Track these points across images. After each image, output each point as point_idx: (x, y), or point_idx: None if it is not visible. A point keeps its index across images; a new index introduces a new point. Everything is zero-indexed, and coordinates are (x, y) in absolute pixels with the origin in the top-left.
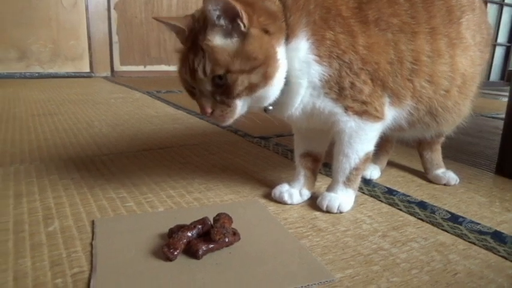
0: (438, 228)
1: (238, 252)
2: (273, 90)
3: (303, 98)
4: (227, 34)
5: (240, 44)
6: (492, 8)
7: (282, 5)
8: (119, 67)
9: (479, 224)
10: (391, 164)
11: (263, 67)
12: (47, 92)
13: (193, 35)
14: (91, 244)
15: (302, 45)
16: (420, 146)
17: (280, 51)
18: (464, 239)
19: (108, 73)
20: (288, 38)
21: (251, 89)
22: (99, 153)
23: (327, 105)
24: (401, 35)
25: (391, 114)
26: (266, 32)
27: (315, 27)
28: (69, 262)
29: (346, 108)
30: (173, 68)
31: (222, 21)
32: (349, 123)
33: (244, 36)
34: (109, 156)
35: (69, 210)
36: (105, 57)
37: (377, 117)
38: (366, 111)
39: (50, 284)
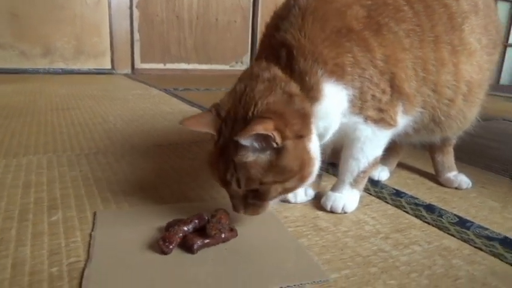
0: (444, 232)
1: (234, 249)
2: (312, 178)
3: (336, 126)
4: (260, 149)
5: (274, 158)
6: (503, 6)
7: (295, 77)
8: (139, 64)
9: (488, 229)
10: (402, 165)
11: (299, 174)
12: (69, 87)
13: (223, 141)
14: (90, 235)
15: (329, 93)
16: (432, 148)
17: (312, 141)
18: (470, 244)
19: (128, 70)
20: (317, 99)
21: (286, 191)
22: (111, 147)
23: (351, 119)
24: (413, 39)
25: (402, 121)
26: (300, 137)
27: (333, 66)
28: (67, 251)
29: (366, 118)
30: (192, 66)
31: (255, 144)
32: (365, 131)
33: (277, 150)
34: (120, 151)
35: (73, 201)
36: (126, 54)
37: (391, 124)
38: (382, 119)
39: (46, 272)
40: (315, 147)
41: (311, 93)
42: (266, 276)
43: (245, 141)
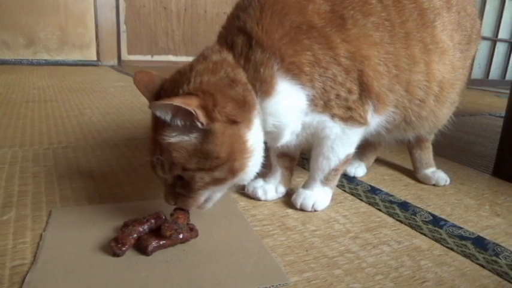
0: (416, 231)
1: (192, 250)
2: (250, 174)
3: (293, 126)
4: (185, 130)
5: (200, 141)
6: (493, 3)
7: (249, 67)
8: (126, 56)
9: (461, 228)
10: (381, 161)
11: (228, 164)
12: (50, 79)
13: (153, 120)
14: (41, 235)
15: (283, 90)
16: (410, 143)
17: (253, 132)
18: (442, 244)
19: (115, 62)
20: (268, 94)
21: (216, 182)
22: (82, 141)
23: (314, 118)
24: (383, 34)
25: (374, 121)
26: (234, 122)
27: (289, 63)
28: (13, 253)
29: (333, 116)
30: (180, 58)
31: (178, 122)
32: (334, 129)
33: (204, 133)
34: (91, 145)
35: (30, 199)
36: (112, 46)
37: (361, 122)
38: (351, 117)
39: None
40: (254, 139)
41: (263, 87)
42: (222, 279)
43: (160, 113)
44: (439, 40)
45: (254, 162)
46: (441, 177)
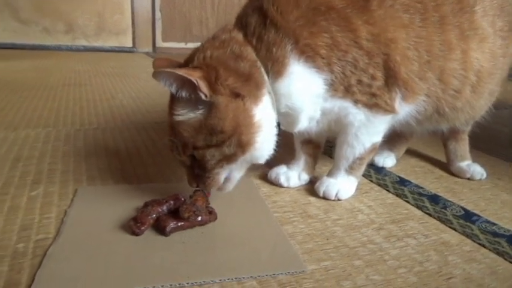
0: (446, 225)
1: (210, 233)
2: (261, 150)
3: (309, 111)
4: (192, 105)
5: (205, 116)
6: None
7: (261, 47)
8: (160, 43)
9: (495, 224)
10: (413, 152)
11: (235, 137)
12: (87, 64)
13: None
14: (65, 211)
15: (295, 72)
16: (444, 134)
17: (261, 108)
18: (473, 240)
19: (150, 49)
20: (280, 74)
21: (228, 159)
22: (111, 123)
23: (335, 104)
24: (414, 16)
25: (403, 110)
26: (237, 95)
27: (303, 45)
28: (38, 228)
29: (356, 102)
30: None
31: (184, 93)
32: (358, 115)
33: (209, 106)
34: (119, 127)
35: (59, 177)
36: (147, 33)
37: (387, 110)
38: (376, 104)
39: (11, 248)
40: (261, 115)
41: (275, 66)
42: (237, 264)
43: (164, 82)
44: (479, 26)
45: (263, 138)
46: (477, 171)
